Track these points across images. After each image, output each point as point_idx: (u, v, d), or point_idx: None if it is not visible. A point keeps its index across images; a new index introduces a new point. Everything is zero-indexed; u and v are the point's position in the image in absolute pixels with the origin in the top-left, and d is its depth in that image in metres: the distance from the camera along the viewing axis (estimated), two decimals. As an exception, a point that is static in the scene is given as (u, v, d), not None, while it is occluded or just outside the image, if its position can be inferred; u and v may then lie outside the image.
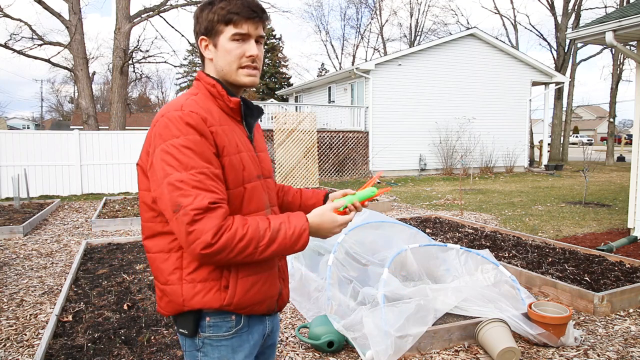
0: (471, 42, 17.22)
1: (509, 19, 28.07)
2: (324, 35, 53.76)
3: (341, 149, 15.41)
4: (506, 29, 39.07)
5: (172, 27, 19.46)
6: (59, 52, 15.64)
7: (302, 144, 12.72)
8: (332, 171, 15.27)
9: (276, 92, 34.65)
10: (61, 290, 4.23)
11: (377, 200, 9.36)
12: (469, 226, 6.80)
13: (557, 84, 19.98)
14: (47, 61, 15.39)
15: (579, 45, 23.14)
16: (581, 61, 25.92)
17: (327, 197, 1.56)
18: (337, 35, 77.27)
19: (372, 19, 47.71)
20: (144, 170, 1.26)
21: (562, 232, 6.87)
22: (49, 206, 8.86)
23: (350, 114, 16.42)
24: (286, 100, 25.88)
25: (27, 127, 52.41)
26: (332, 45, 51.74)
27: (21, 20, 14.67)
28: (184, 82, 46.69)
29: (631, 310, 3.76)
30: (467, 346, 3.11)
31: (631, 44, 6.97)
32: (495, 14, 40.75)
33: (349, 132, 15.63)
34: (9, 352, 3.07)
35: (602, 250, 5.23)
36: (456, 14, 52.71)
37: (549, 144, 21.29)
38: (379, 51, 38.56)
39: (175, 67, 43.16)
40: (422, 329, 2.97)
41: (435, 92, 16.69)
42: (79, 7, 14.73)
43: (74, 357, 2.89)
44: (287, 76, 44.41)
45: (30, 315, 3.74)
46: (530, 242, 5.70)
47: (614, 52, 22.99)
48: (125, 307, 3.72)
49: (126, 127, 15.63)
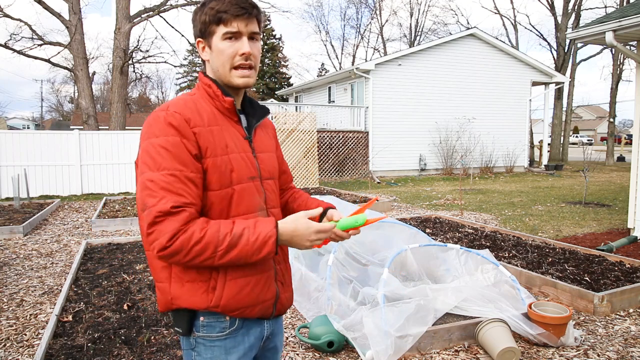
0: (471, 42, 17.22)
1: (509, 19, 28.09)
2: (324, 35, 53.83)
3: (341, 149, 15.42)
4: (506, 29, 39.04)
5: (172, 27, 19.48)
6: (59, 52, 15.67)
7: (302, 144, 12.72)
8: (332, 171, 15.27)
9: (276, 92, 34.65)
10: (61, 290, 4.23)
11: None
12: (469, 226, 6.80)
13: (557, 84, 19.98)
14: (47, 61, 15.39)
15: (579, 45, 23.14)
16: (581, 61, 25.94)
17: (324, 213, 1.44)
18: (337, 35, 77.41)
19: (372, 19, 47.79)
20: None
21: (562, 232, 6.87)
22: (49, 206, 8.86)
23: (350, 114, 16.42)
24: (286, 100, 25.88)
25: (27, 127, 52.42)
26: (332, 45, 51.82)
27: (21, 20, 14.68)
28: (184, 82, 46.68)
29: (631, 310, 3.76)
30: (467, 346, 3.11)
31: (631, 44, 6.97)
32: (495, 14, 40.77)
33: (349, 132, 15.63)
34: (9, 352, 3.07)
35: (602, 250, 5.23)
36: (456, 14, 52.84)
37: (549, 144, 21.29)
38: (379, 51, 38.60)
39: (175, 67, 43.20)
40: (422, 329, 2.97)
41: (435, 92, 16.69)
42: (79, 7, 14.74)
43: (74, 357, 2.89)
44: (287, 76, 44.41)
45: (30, 315, 3.74)
46: (530, 242, 5.70)
47: (614, 52, 23.00)
48: (125, 307, 3.72)
49: (126, 127, 15.64)
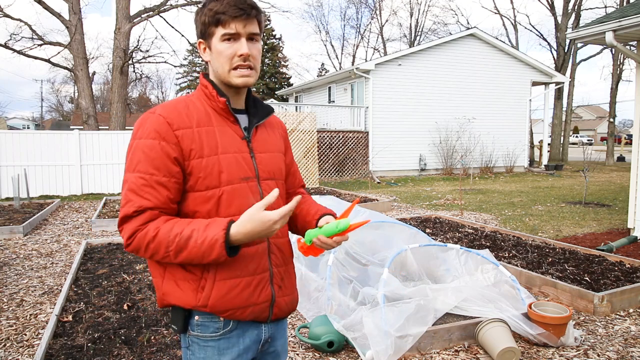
0: (471, 42, 17.22)
1: (509, 19, 28.10)
2: (324, 35, 53.86)
3: (341, 149, 15.41)
4: (506, 29, 39.07)
5: (172, 27, 19.52)
6: (59, 52, 15.67)
7: (302, 144, 12.72)
8: (332, 171, 15.27)
9: (276, 92, 34.63)
10: (61, 290, 4.23)
11: (377, 200, 9.36)
12: (469, 226, 6.80)
13: (557, 84, 19.98)
14: (47, 61, 15.39)
15: (579, 45, 23.14)
16: (581, 61, 25.94)
17: (320, 218, 1.41)
18: (337, 35, 77.42)
19: (372, 19, 47.80)
20: None
21: (562, 232, 6.87)
22: (49, 206, 8.86)
23: (350, 114, 16.42)
24: (286, 100, 25.88)
25: (27, 127, 52.41)
26: (332, 45, 51.75)
27: (21, 20, 14.67)
28: (184, 82, 46.66)
29: (631, 310, 3.76)
30: (467, 346, 3.11)
31: (631, 44, 6.97)
32: (495, 14, 40.78)
33: (349, 132, 15.63)
34: (9, 352, 3.07)
35: (602, 250, 5.23)
36: (456, 14, 52.87)
37: (549, 144, 21.29)
38: (379, 51, 38.60)
39: (175, 67, 43.22)
40: (422, 329, 2.97)
41: (435, 92, 16.69)
42: (79, 7, 14.73)
43: (74, 357, 2.89)
44: (287, 76, 44.39)
45: (30, 315, 3.74)
46: (530, 242, 5.70)
47: (614, 52, 23.00)
48: (125, 307, 3.72)
49: (126, 127, 15.62)
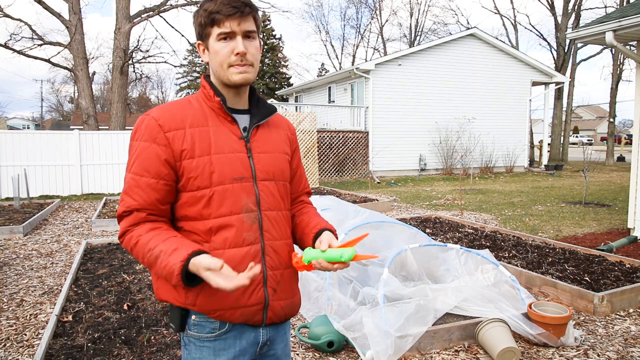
0: (471, 42, 17.21)
1: (509, 19, 28.09)
2: (324, 35, 53.73)
3: (341, 149, 15.41)
4: (506, 29, 39.03)
5: (172, 27, 19.49)
6: (59, 52, 15.66)
7: (302, 144, 12.72)
8: (332, 171, 15.27)
9: (276, 92, 34.62)
10: (61, 290, 4.23)
11: (377, 200, 9.36)
12: (469, 226, 6.80)
13: (557, 84, 19.98)
14: (47, 61, 15.38)
15: (579, 45, 23.14)
16: (581, 61, 25.93)
17: (319, 233, 1.36)
18: (337, 35, 77.38)
19: (372, 19, 47.80)
20: None
21: (562, 232, 6.87)
22: (49, 206, 8.86)
23: (350, 114, 16.42)
24: (286, 100, 25.87)
25: (27, 127, 52.41)
26: (332, 45, 51.68)
27: (21, 20, 14.66)
28: (184, 82, 46.62)
29: (631, 310, 3.76)
30: (467, 346, 3.11)
31: (631, 44, 6.97)
32: (495, 14, 40.77)
33: (349, 132, 15.63)
34: (9, 352, 3.07)
35: (602, 250, 5.23)
36: (456, 14, 52.85)
37: (549, 144, 21.29)
38: (379, 51, 38.60)
39: (175, 67, 43.06)
40: (422, 329, 2.97)
41: (435, 92, 16.68)
42: (79, 7, 14.73)
43: (74, 357, 2.89)
44: (287, 76, 44.36)
45: (30, 315, 3.74)
46: (530, 242, 5.70)
47: (614, 52, 23.00)
48: (125, 307, 3.72)
49: (126, 127, 15.63)
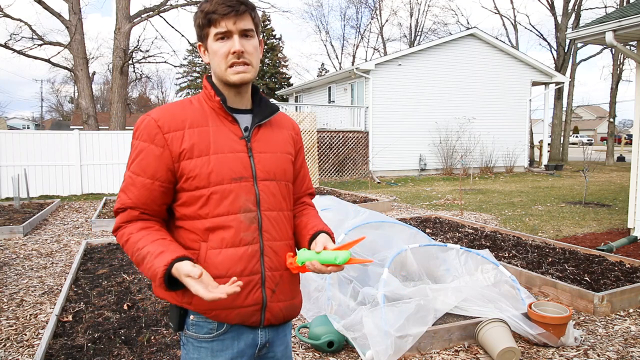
0: (471, 42, 17.21)
1: (509, 19, 28.09)
2: (324, 35, 53.71)
3: (341, 149, 15.41)
4: (506, 29, 39.05)
5: (172, 27, 19.46)
6: (59, 52, 15.65)
7: (302, 144, 12.71)
8: (332, 171, 15.27)
9: (276, 92, 34.61)
10: (61, 290, 4.23)
11: (377, 200, 9.36)
12: (469, 226, 6.79)
13: (557, 84, 19.97)
14: (47, 61, 15.38)
15: (579, 45, 23.14)
16: (581, 61, 25.93)
17: (316, 235, 1.36)
18: (337, 35, 77.28)
19: (372, 19, 47.71)
20: None
21: (562, 232, 6.87)
22: (49, 206, 8.86)
23: (350, 114, 16.42)
24: (286, 100, 25.88)
25: (27, 127, 52.41)
26: (332, 45, 51.60)
27: (21, 20, 14.65)
28: (184, 82, 46.63)
29: (631, 310, 3.76)
30: (467, 346, 3.11)
31: (631, 44, 6.97)
32: (495, 14, 40.76)
33: (349, 132, 15.63)
34: (9, 352, 3.07)
35: (602, 250, 5.23)
36: (456, 14, 52.85)
37: (549, 144, 21.28)
38: (379, 51, 38.59)
39: (175, 67, 43.02)
40: (422, 329, 2.97)
41: (435, 92, 16.68)
42: (79, 7, 14.73)
43: (74, 357, 2.89)
44: (287, 76, 44.35)
45: (30, 315, 3.74)
46: (530, 242, 5.70)
47: (614, 52, 22.99)
48: (125, 307, 3.72)
49: (126, 127, 15.62)
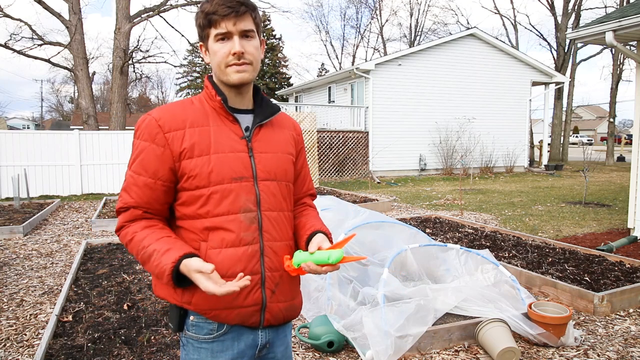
0: (471, 42, 17.21)
1: (509, 19, 28.11)
2: (324, 35, 53.68)
3: (341, 149, 15.41)
4: (506, 29, 39.07)
5: (172, 27, 19.47)
6: (59, 52, 15.64)
7: (302, 144, 12.71)
8: (332, 171, 15.27)
9: (276, 92, 34.60)
10: (61, 290, 4.23)
11: (377, 200, 9.36)
12: (469, 226, 6.79)
13: (557, 84, 19.97)
14: (47, 61, 15.37)
15: (579, 45, 23.14)
16: (581, 61, 25.93)
17: (312, 235, 1.36)
18: (337, 35, 77.24)
19: (372, 19, 47.73)
20: None
21: (562, 232, 6.87)
22: (49, 206, 8.85)
23: (350, 114, 16.42)
24: (286, 100, 25.88)
25: (27, 127, 52.41)
26: (332, 45, 51.62)
27: (21, 20, 14.65)
28: (184, 82, 46.61)
29: (631, 310, 3.76)
30: (467, 346, 3.11)
31: (631, 44, 6.97)
32: (495, 14, 40.77)
33: (349, 132, 15.62)
34: (9, 352, 3.07)
35: (602, 250, 5.23)
36: (456, 14, 52.93)
37: (549, 144, 21.28)
38: (379, 51, 38.59)
39: (175, 67, 42.97)
40: (422, 329, 2.97)
41: (435, 92, 16.68)
42: (79, 7, 14.73)
43: (74, 357, 2.89)
44: (287, 76, 44.33)
45: (30, 315, 3.74)
46: (530, 242, 5.70)
47: (614, 52, 22.99)
48: (125, 307, 3.72)
49: (126, 127, 15.62)
